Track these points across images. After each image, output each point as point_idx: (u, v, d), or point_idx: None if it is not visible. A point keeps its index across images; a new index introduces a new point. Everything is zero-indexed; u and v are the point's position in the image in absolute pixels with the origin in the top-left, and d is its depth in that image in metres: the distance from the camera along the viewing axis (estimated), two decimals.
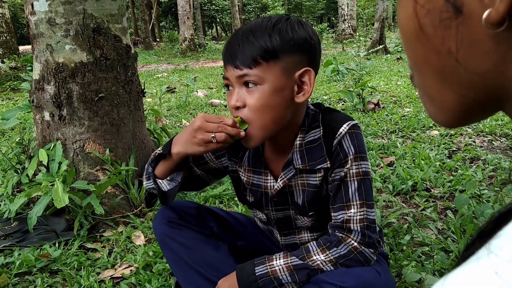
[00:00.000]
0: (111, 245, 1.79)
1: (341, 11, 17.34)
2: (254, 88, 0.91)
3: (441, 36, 0.29)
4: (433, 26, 0.29)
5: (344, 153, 0.99)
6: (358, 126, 1.01)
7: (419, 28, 0.30)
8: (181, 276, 1.20)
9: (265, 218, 1.19)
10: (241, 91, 0.93)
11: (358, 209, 0.99)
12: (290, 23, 0.92)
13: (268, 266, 1.02)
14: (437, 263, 1.44)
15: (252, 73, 0.90)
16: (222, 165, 1.19)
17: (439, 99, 0.33)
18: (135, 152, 2.23)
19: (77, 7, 2.03)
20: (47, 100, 2.10)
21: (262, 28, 0.91)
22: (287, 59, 0.91)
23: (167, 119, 4.25)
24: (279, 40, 0.90)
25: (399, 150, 2.75)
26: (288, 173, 1.06)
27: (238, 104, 0.93)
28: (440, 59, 0.30)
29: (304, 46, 0.92)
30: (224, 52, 0.95)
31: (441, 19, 0.28)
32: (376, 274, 1.00)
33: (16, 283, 1.54)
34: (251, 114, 0.92)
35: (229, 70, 0.93)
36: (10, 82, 7.05)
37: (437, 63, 0.31)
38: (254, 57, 0.89)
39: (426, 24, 0.30)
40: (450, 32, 0.28)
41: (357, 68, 4.41)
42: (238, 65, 0.91)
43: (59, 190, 1.71)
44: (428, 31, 0.30)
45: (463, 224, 1.70)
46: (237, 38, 0.92)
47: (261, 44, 0.89)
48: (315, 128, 1.02)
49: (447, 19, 0.28)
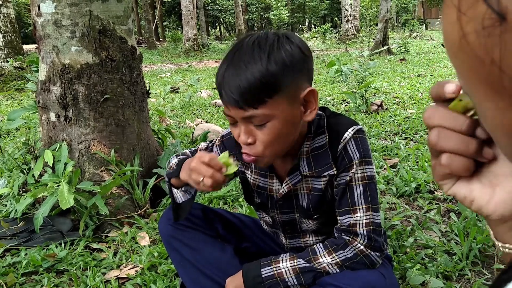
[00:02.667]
0: (116, 246, 1.80)
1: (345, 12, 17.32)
2: (263, 125, 0.89)
3: (484, 45, 0.28)
4: (476, 33, 0.28)
5: (349, 157, 0.99)
6: (363, 131, 1.02)
7: (462, 36, 0.29)
8: (186, 277, 1.21)
9: (271, 221, 1.20)
10: (248, 127, 0.91)
11: (364, 213, 1.00)
12: (282, 45, 0.88)
13: (274, 268, 1.03)
14: (440, 265, 1.45)
15: (259, 113, 0.87)
16: None
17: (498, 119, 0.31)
18: (139, 153, 2.24)
19: (83, 9, 2.04)
20: (53, 101, 2.12)
21: (255, 58, 0.86)
22: (289, 87, 0.88)
23: (171, 119, 4.27)
24: (278, 70, 0.85)
25: (402, 152, 2.75)
26: (293, 179, 1.07)
27: (250, 141, 0.91)
28: (484, 68, 0.29)
29: (301, 66, 0.90)
30: (220, 88, 0.90)
31: (483, 26, 0.27)
32: (381, 277, 1.01)
33: (23, 282, 1.56)
34: (264, 148, 0.91)
35: (231, 109, 0.89)
36: (15, 81, 7.09)
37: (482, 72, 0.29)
38: (257, 96, 0.85)
39: (469, 34, 0.28)
40: (494, 40, 0.27)
41: (361, 69, 4.41)
42: (242, 106, 0.86)
43: (64, 191, 1.72)
44: (471, 41, 0.28)
45: (467, 227, 1.70)
46: (230, 72, 0.87)
47: (262, 79, 0.84)
48: (320, 134, 1.03)
49: (490, 27, 0.27)
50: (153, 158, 2.36)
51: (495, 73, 0.28)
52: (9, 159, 2.75)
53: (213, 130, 3.25)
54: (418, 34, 18.51)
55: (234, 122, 0.93)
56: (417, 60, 8.90)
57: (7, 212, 2.11)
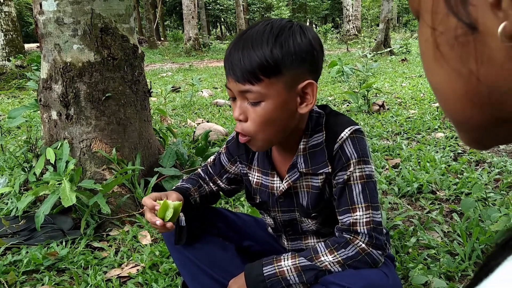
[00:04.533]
0: (118, 244, 1.80)
1: (346, 12, 17.31)
2: (257, 104, 0.91)
3: (459, 56, 0.28)
4: (450, 46, 0.29)
5: (346, 157, 0.99)
6: (361, 131, 1.01)
7: (437, 50, 0.30)
8: (188, 275, 1.21)
9: (273, 223, 1.19)
10: (243, 104, 0.93)
11: (363, 211, 0.99)
12: (293, 33, 0.89)
13: (276, 267, 1.02)
14: (443, 266, 1.45)
15: (254, 90, 0.89)
16: (238, 170, 1.21)
17: (467, 122, 0.32)
18: (141, 151, 2.24)
19: (85, 7, 2.04)
20: (54, 99, 2.11)
21: (263, 39, 0.88)
22: (289, 74, 0.89)
23: (172, 119, 4.26)
24: (281, 54, 0.87)
25: (404, 152, 2.75)
26: (292, 176, 1.07)
27: (241, 118, 0.94)
28: (461, 80, 0.29)
29: (306, 57, 0.91)
30: (225, 61, 0.93)
31: (456, 38, 0.28)
32: (384, 276, 1.00)
33: (24, 281, 1.55)
34: (254, 128, 0.93)
35: (231, 82, 0.92)
36: (16, 80, 7.09)
37: (459, 85, 0.30)
38: (256, 73, 0.88)
39: (442, 45, 0.29)
40: (468, 51, 0.28)
41: (363, 69, 4.40)
42: (240, 79, 0.89)
43: (66, 189, 1.72)
44: (445, 52, 0.29)
45: (469, 227, 1.69)
46: (237, 48, 0.90)
47: (262, 59, 0.87)
48: (318, 132, 1.03)
49: (462, 37, 0.27)
50: (155, 157, 2.35)
51: (473, 83, 0.29)
52: (10, 157, 2.74)
53: (215, 129, 3.25)
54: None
55: (234, 98, 0.96)
56: (418, 61, 8.89)
57: (8, 210, 2.10)
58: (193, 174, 1.28)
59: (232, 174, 1.22)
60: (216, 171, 1.23)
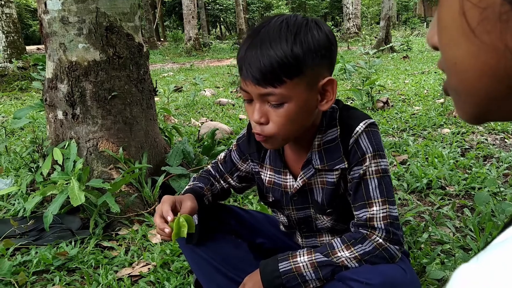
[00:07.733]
0: (127, 244, 1.78)
1: (346, 10, 17.27)
2: (279, 106, 0.88)
3: (499, 32, 0.29)
4: (490, 22, 0.29)
5: (361, 151, 0.97)
6: (375, 124, 1.00)
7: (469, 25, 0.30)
8: (201, 274, 1.20)
9: (286, 221, 1.18)
10: (263, 106, 0.89)
11: (380, 206, 0.98)
12: (310, 29, 0.86)
13: (292, 263, 1.01)
14: (458, 261, 1.43)
15: (277, 92, 0.85)
16: (249, 168, 1.19)
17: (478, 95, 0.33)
18: (147, 150, 2.23)
19: (90, 5, 2.02)
20: (60, 99, 2.10)
21: (281, 37, 0.84)
22: (310, 72, 0.86)
23: (176, 118, 4.26)
24: (302, 53, 0.84)
25: (411, 148, 2.73)
26: (307, 173, 1.05)
27: (262, 121, 0.90)
28: (493, 54, 0.30)
29: (325, 54, 0.88)
30: (241, 62, 0.88)
31: (500, 15, 0.28)
32: (402, 271, 0.98)
33: (34, 281, 1.54)
34: (276, 130, 0.90)
35: (249, 85, 0.87)
36: (18, 82, 7.08)
37: (488, 59, 0.30)
38: (278, 75, 0.83)
39: (479, 20, 0.29)
40: (507, 27, 0.28)
41: (366, 67, 4.39)
42: (261, 82, 0.85)
43: (75, 189, 1.71)
44: (481, 27, 0.30)
45: (481, 222, 1.68)
46: (254, 48, 0.85)
47: (284, 59, 0.83)
48: (332, 127, 1.01)
49: (506, 14, 0.28)
50: (161, 156, 2.34)
51: (507, 57, 0.29)
52: (15, 158, 2.73)
53: (220, 128, 3.24)
54: (419, 32, 18.46)
55: (250, 100, 0.91)
56: (420, 58, 8.87)
57: (15, 211, 2.09)
58: (203, 172, 1.26)
59: (243, 172, 1.21)
60: (227, 169, 1.22)
